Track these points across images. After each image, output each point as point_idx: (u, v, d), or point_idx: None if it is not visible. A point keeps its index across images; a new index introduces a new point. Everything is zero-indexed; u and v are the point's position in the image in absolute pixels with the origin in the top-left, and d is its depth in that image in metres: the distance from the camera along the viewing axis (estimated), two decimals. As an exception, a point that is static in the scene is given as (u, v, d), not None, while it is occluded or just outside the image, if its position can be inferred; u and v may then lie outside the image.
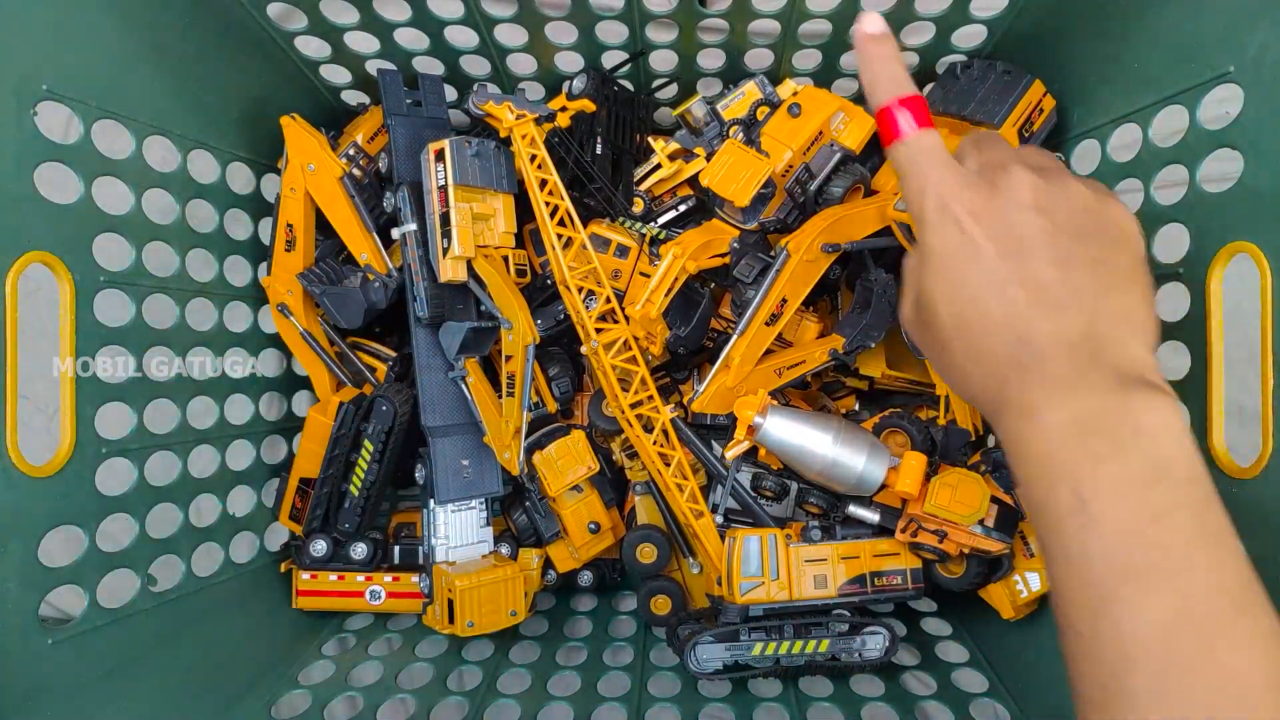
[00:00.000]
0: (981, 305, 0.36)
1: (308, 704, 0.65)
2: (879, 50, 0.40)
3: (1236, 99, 0.50)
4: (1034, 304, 0.35)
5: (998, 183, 0.37)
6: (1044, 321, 0.35)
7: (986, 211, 0.36)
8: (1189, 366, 0.55)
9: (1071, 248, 0.35)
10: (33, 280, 0.53)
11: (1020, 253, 0.35)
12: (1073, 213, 0.36)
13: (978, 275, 0.36)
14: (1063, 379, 0.34)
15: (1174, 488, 0.32)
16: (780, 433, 0.64)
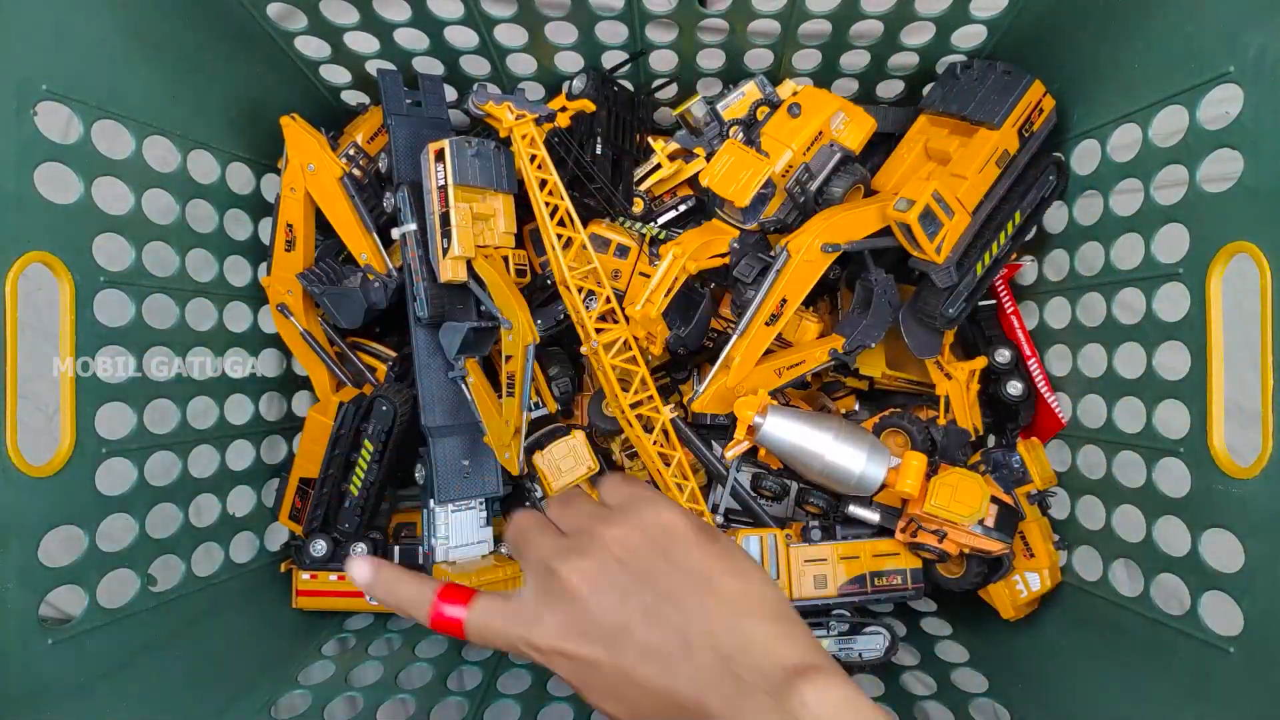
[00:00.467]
0: (635, 701, 0.35)
1: (308, 704, 0.65)
2: (382, 585, 0.40)
3: (1236, 99, 0.50)
4: (664, 671, 0.34)
5: (558, 592, 0.36)
6: (681, 678, 0.34)
7: (568, 628, 0.35)
8: (1189, 366, 0.55)
9: (645, 598, 0.35)
10: (33, 280, 0.53)
11: (616, 639, 0.35)
12: (624, 565, 0.36)
13: (611, 681, 0.35)
14: (727, 718, 0.33)
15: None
16: (780, 433, 0.64)
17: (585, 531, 0.38)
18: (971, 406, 0.74)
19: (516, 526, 0.41)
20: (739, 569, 0.37)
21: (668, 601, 0.35)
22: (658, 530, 0.37)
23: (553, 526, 0.40)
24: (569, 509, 0.41)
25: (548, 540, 0.39)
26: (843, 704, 0.32)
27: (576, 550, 0.37)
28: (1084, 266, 0.67)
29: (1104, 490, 0.65)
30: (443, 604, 0.38)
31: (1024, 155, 0.67)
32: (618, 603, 0.35)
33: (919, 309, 0.70)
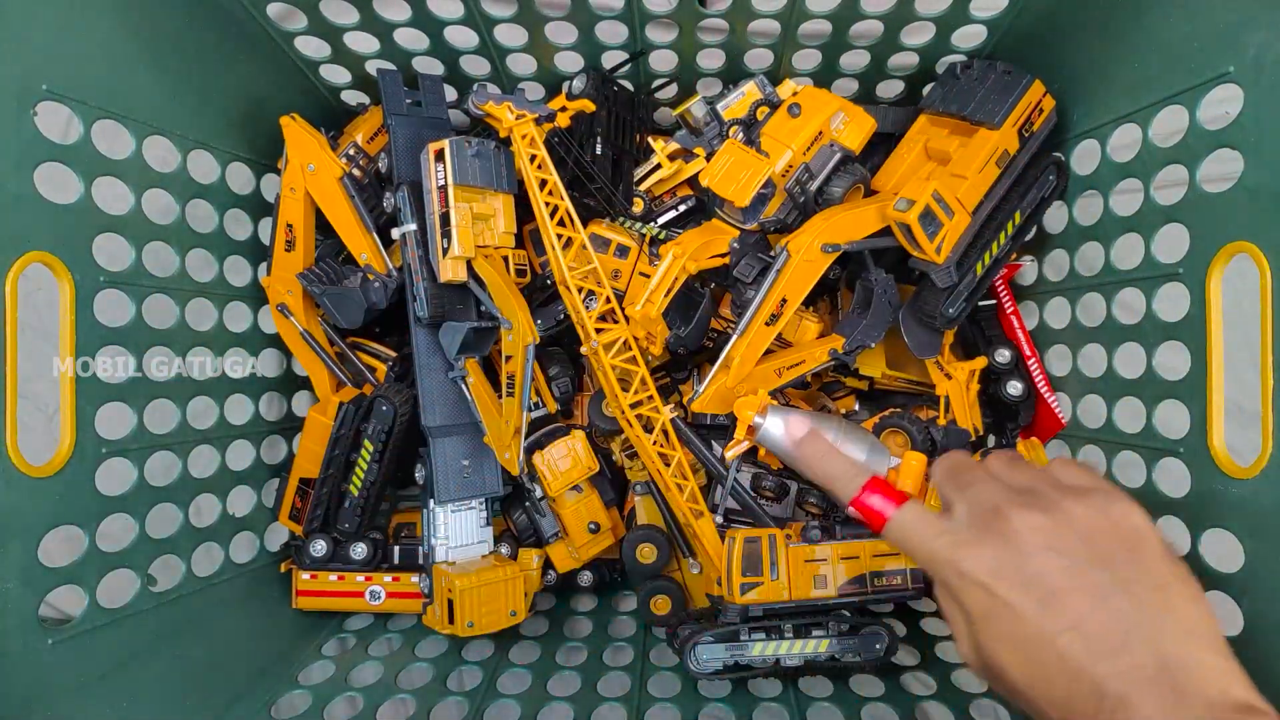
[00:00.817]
0: (1042, 662, 0.34)
1: (308, 704, 0.65)
2: (814, 449, 0.41)
3: (1236, 99, 0.50)
4: (1091, 651, 0.33)
5: (1001, 532, 0.36)
6: (1110, 666, 0.32)
7: (1003, 568, 0.35)
8: (1189, 366, 0.55)
9: (1099, 578, 0.35)
10: (33, 280, 0.53)
11: (1053, 600, 0.34)
12: (1084, 539, 0.36)
13: (1025, 634, 0.34)
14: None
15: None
16: (780, 433, 0.64)
17: (1042, 494, 0.38)
18: (971, 406, 0.74)
19: (957, 461, 0.41)
20: (1197, 595, 0.36)
21: (1122, 592, 0.34)
22: (1128, 527, 0.37)
23: (994, 474, 0.40)
24: (1017, 468, 0.41)
25: (997, 485, 0.39)
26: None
27: (1032, 505, 0.37)
28: (1084, 266, 0.67)
29: (1104, 490, 0.65)
30: (871, 493, 0.39)
31: (1024, 155, 0.67)
32: (1068, 569, 0.35)
33: (919, 309, 0.70)
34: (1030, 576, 0.35)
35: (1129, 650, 0.33)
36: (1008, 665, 0.35)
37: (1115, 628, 0.33)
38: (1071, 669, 0.33)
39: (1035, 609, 0.34)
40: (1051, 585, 0.35)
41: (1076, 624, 0.34)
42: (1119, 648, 0.33)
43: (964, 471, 0.40)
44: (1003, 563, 0.35)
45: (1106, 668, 0.32)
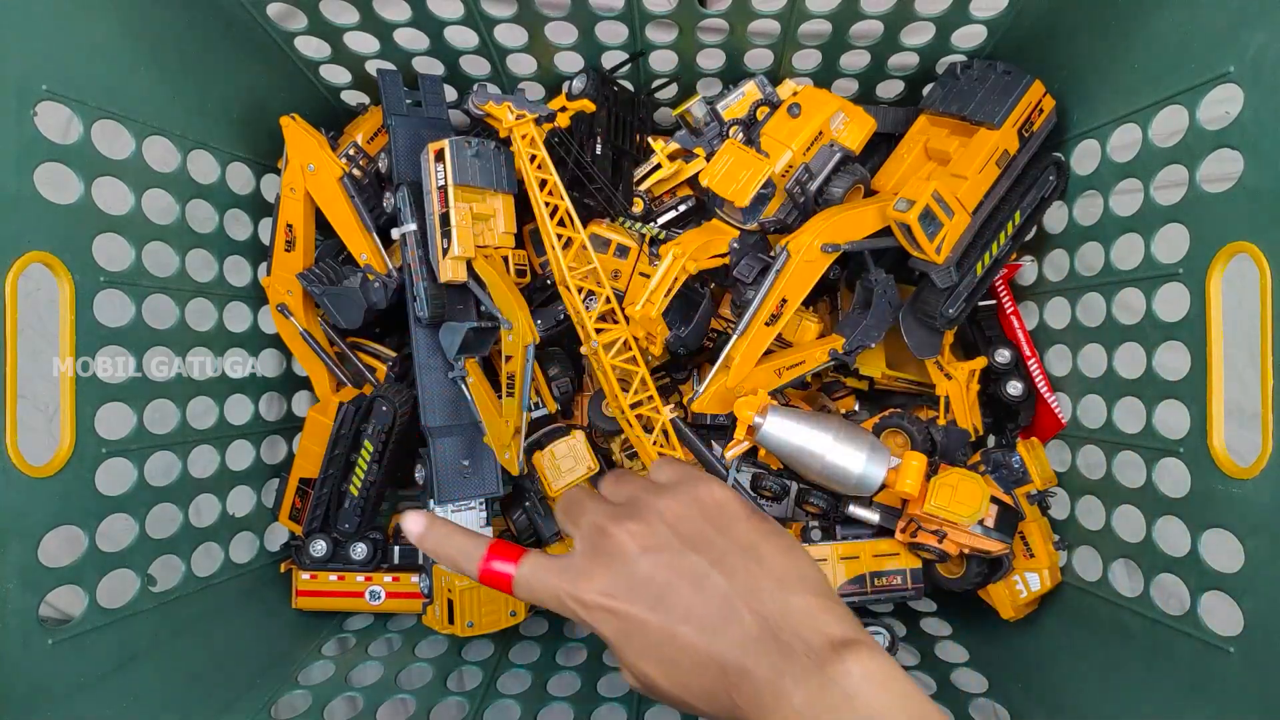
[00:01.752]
0: (675, 661, 0.36)
1: (308, 704, 0.65)
2: (433, 536, 0.41)
3: (1236, 99, 0.50)
4: (705, 633, 0.35)
5: (608, 551, 0.38)
6: (723, 642, 0.35)
7: (615, 585, 0.37)
8: (1189, 366, 0.55)
9: (694, 562, 0.37)
10: (33, 280, 0.53)
11: (662, 599, 0.36)
12: (675, 530, 0.38)
13: (653, 640, 0.36)
14: (770, 682, 0.34)
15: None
16: (780, 433, 0.64)
17: (637, 500, 0.40)
18: (971, 407, 0.74)
19: (568, 497, 0.42)
20: (786, 546, 0.39)
21: (716, 568, 0.36)
22: (710, 504, 0.39)
23: (604, 497, 0.42)
24: (621, 484, 0.42)
25: (601, 506, 0.40)
26: (885, 676, 0.33)
27: (628, 515, 0.39)
28: (1084, 266, 0.67)
29: (1104, 490, 0.65)
30: (493, 560, 0.39)
31: (1024, 155, 0.67)
32: (667, 564, 0.37)
33: (919, 309, 0.70)
34: (638, 583, 0.37)
35: (734, 621, 0.35)
36: (653, 676, 0.36)
37: (717, 604, 0.35)
38: (697, 658, 0.35)
39: (651, 613, 0.36)
40: (657, 585, 0.36)
41: (687, 613, 0.36)
42: (724, 621, 0.35)
43: (574, 505, 0.41)
44: (614, 579, 0.37)
45: (721, 645, 0.35)
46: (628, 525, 0.38)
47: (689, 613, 0.36)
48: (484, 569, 0.39)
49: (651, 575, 0.36)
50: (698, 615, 0.35)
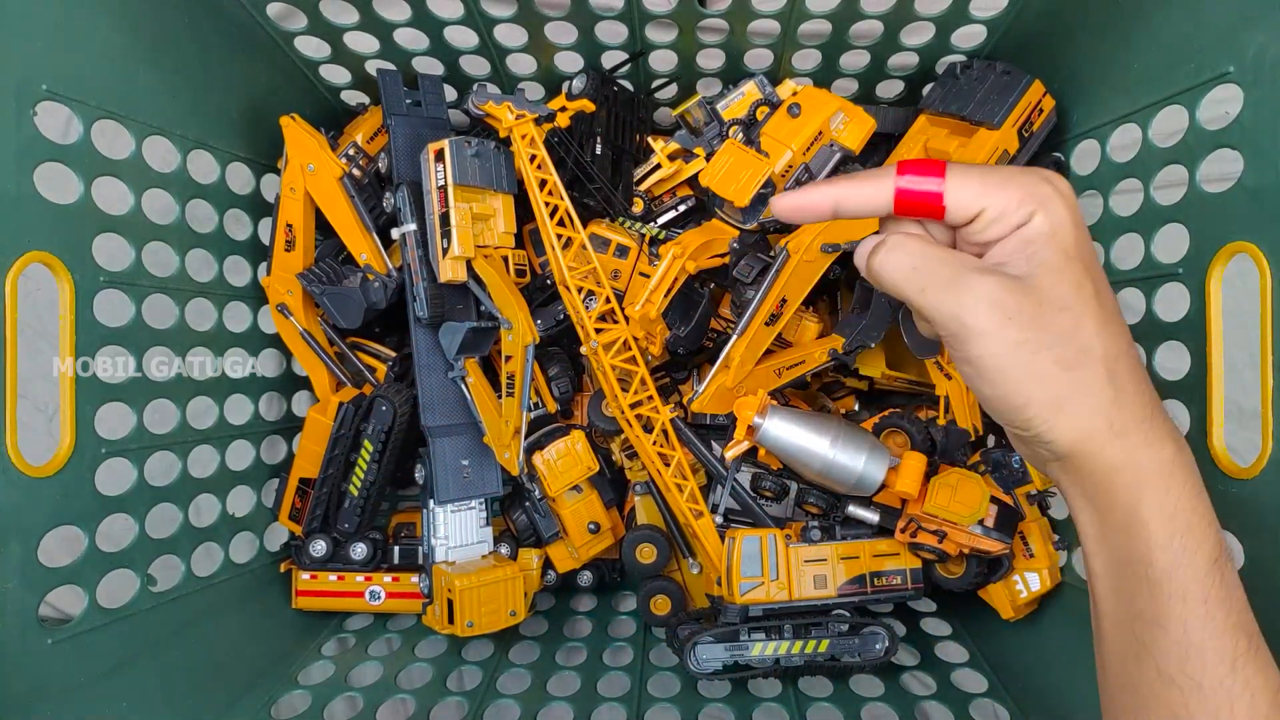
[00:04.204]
0: (1118, 316, 0.34)
1: (307, 704, 0.65)
2: (813, 199, 0.36)
3: (1236, 99, 0.50)
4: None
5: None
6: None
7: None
8: (1189, 366, 0.55)
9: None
10: (33, 280, 0.53)
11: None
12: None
13: (1100, 280, 0.34)
14: (1168, 421, 0.33)
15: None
16: (780, 433, 0.64)
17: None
18: (971, 406, 0.73)
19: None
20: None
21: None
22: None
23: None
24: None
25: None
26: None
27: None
28: (1084, 266, 0.67)
29: (1104, 490, 0.65)
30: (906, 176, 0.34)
31: (1024, 155, 0.67)
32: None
33: (919, 309, 0.70)
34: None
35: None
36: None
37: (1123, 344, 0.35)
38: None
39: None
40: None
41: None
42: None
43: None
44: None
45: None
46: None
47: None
48: (901, 191, 0.34)
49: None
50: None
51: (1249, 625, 0.32)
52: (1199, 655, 0.31)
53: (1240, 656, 0.31)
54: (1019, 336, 0.32)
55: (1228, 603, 0.32)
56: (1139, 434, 0.32)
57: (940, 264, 0.33)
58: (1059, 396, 0.32)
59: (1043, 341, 0.32)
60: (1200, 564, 0.32)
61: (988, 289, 0.32)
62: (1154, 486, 0.32)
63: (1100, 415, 0.32)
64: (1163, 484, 0.32)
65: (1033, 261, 0.32)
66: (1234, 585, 0.32)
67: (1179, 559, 0.32)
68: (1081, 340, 0.32)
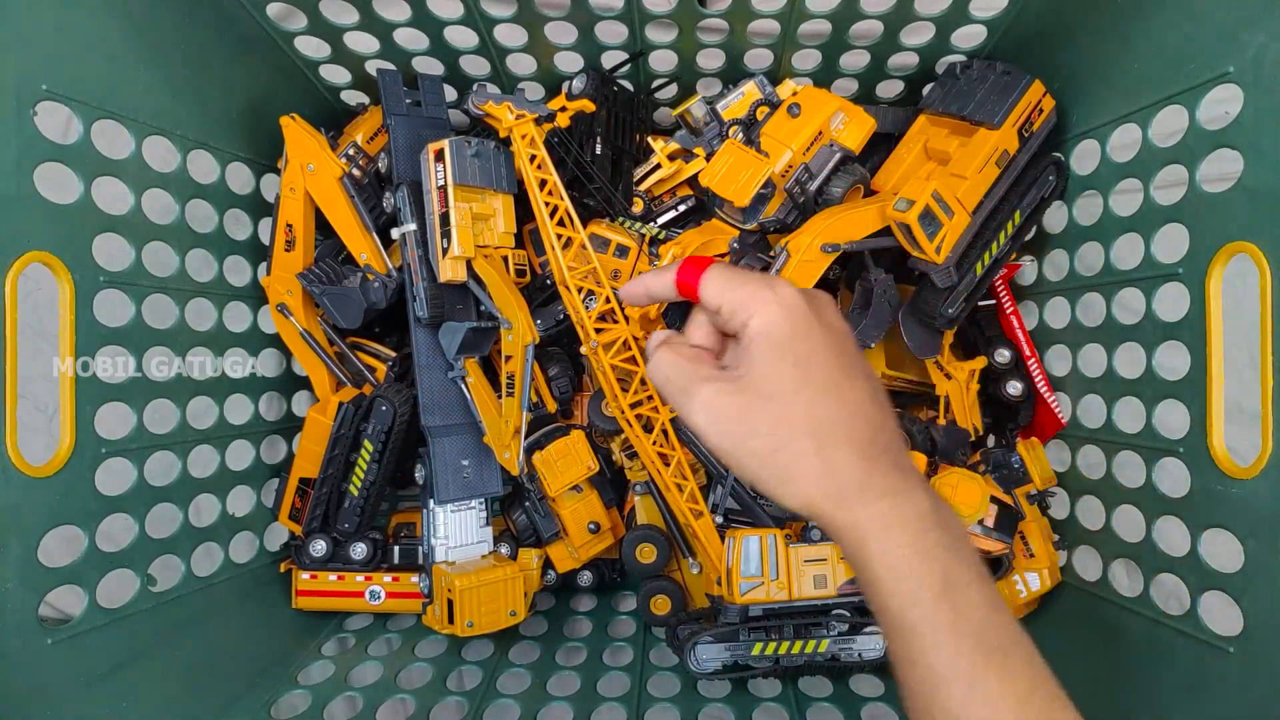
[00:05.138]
0: (838, 393, 0.37)
1: (307, 704, 0.65)
2: (634, 289, 0.44)
3: (1236, 99, 0.50)
4: (878, 406, 0.38)
5: (815, 294, 0.40)
6: (885, 414, 0.38)
7: (819, 310, 0.39)
8: (1189, 366, 0.55)
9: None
10: (33, 280, 0.53)
11: (853, 352, 0.39)
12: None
13: (829, 360, 0.38)
14: (912, 473, 0.37)
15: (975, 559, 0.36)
16: None
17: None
18: (971, 406, 0.74)
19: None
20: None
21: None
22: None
23: None
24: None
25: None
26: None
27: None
28: (1084, 266, 0.67)
29: (1104, 490, 0.65)
30: (686, 268, 0.41)
31: (1024, 155, 0.67)
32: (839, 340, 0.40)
33: (919, 309, 0.70)
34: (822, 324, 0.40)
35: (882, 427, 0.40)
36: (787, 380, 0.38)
37: (875, 409, 0.39)
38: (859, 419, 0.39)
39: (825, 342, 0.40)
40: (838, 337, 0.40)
41: (855, 397, 0.39)
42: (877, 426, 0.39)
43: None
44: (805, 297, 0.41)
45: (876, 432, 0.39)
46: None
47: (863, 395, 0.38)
48: (681, 279, 0.41)
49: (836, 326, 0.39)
50: (864, 399, 0.38)
51: (988, 640, 0.34)
52: (945, 684, 0.34)
53: (978, 675, 0.34)
54: (726, 429, 0.38)
55: (957, 628, 0.34)
56: (854, 496, 0.36)
57: (679, 375, 0.40)
58: (776, 474, 0.37)
59: (747, 433, 0.37)
60: (926, 601, 0.34)
61: (704, 395, 0.38)
62: (874, 540, 0.35)
63: (814, 487, 0.36)
64: (881, 537, 0.35)
65: (747, 358, 0.38)
66: (969, 608, 0.34)
67: (905, 602, 0.35)
68: (788, 423, 0.37)
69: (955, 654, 0.34)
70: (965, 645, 0.34)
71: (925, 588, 0.34)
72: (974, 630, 0.34)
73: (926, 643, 0.34)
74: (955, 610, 0.34)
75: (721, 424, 0.38)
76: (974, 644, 0.34)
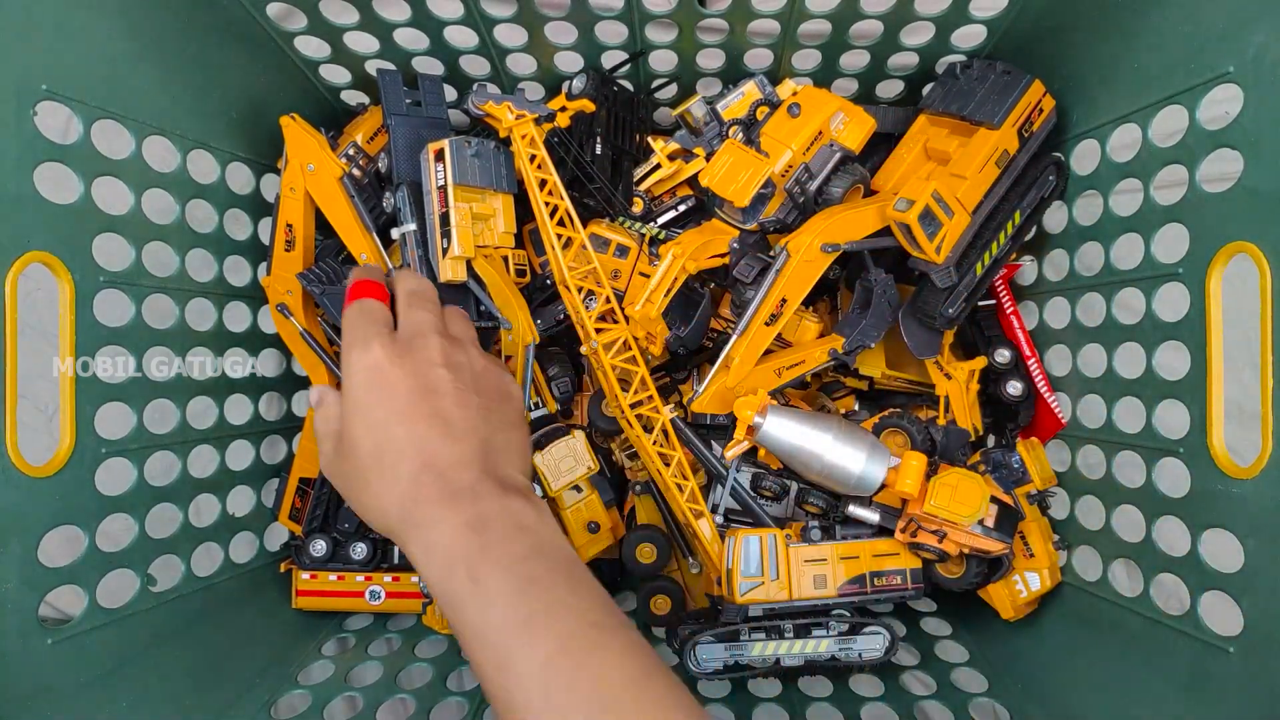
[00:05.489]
0: (393, 433, 0.44)
1: (307, 704, 0.65)
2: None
3: (1236, 99, 0.50)
4: (439, 436, 0.45)
5: (415, 345, 0.48)
6: (446, 448, 0.44)
7: (403, 363, 0.46)
8: (1189, 366, 0.55)
9: (470, 396, 0.47)
10: (33, 280, 0.53)
11: (429, 394, 0.46)
12: (473, 374, 0.49)
13: (391, 408, 0.45)
14: (460, 491, 0.43)
15: (547, 559, 0.42)
16: (780, 433, 0.64)
17: (463, 340, 0.51)
18: (971, 406, 0.74)
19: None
20: (527, 446, 0.53)
21: (478, 408, 0.48)
22: (504, 382, 0.53)
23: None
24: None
25: (434, 320, 0.51)
26: (546, 520, 0.46)
27: (454, 339, 0.51)
28: (1084, 266, 0.67)
29: (1104, 490, 0.65)
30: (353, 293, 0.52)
31: (1024, 155, 0.67)
32: (448, 380, 0.48)
33: (919, 309, 0.70)
34: (420, 376, 0.48)
35: (463, 441, 0.46)
36: (363, 441, 0.47)
37: (463, 426, 0.47)
38: (414, 446, 0.46)
39: (409, 394, 0.47)
40: (433, 386, 0.47)
41: (437, 416, 0.47)
42: (458, 438, 0.46)
43: (419, 297, 0.53)
44: (405, 360, 0.48)
45: (442, 449, 0.46)
46: (445, 343, 0.49)
47: (440, 416, 0.45)
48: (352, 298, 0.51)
49: (434, 379, 0.47)
50: (446, 421, 0.45)
51: (520, 611, 0.39)
52: (496, 654, 0.39)
53: (512, 647, 0.39)
54: (330, 470, 0.49)
55: (485, 601, 0.40)
56: (401, 527, 0.43)
57: (315, 421, 0.51)
58: (354, 501, 0.48)
59: (339, 474, 0.48)
60: (459, 586, 0.40)
61: (320, 445, 0.50)
62: (412, 544, 0.43)
63: (374, 513, 0.46)
64: (417, 541, 0.43)
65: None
66: (490, 588, 0.40)
67: (441, 590, 0.41)
68: (352, 462, 0.46)
69: (485, 627, 0.39)
70: (494, 622, 0.39)
71: (456, 574, 0.41)
72: (502, 606, 0.39)
73: (463, 617, 0.40)
74: (479, 590, 0.40)
75: (330, 465, 0.49)
76: (502, 623, 0.39)
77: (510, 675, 0.38)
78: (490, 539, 0.41)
